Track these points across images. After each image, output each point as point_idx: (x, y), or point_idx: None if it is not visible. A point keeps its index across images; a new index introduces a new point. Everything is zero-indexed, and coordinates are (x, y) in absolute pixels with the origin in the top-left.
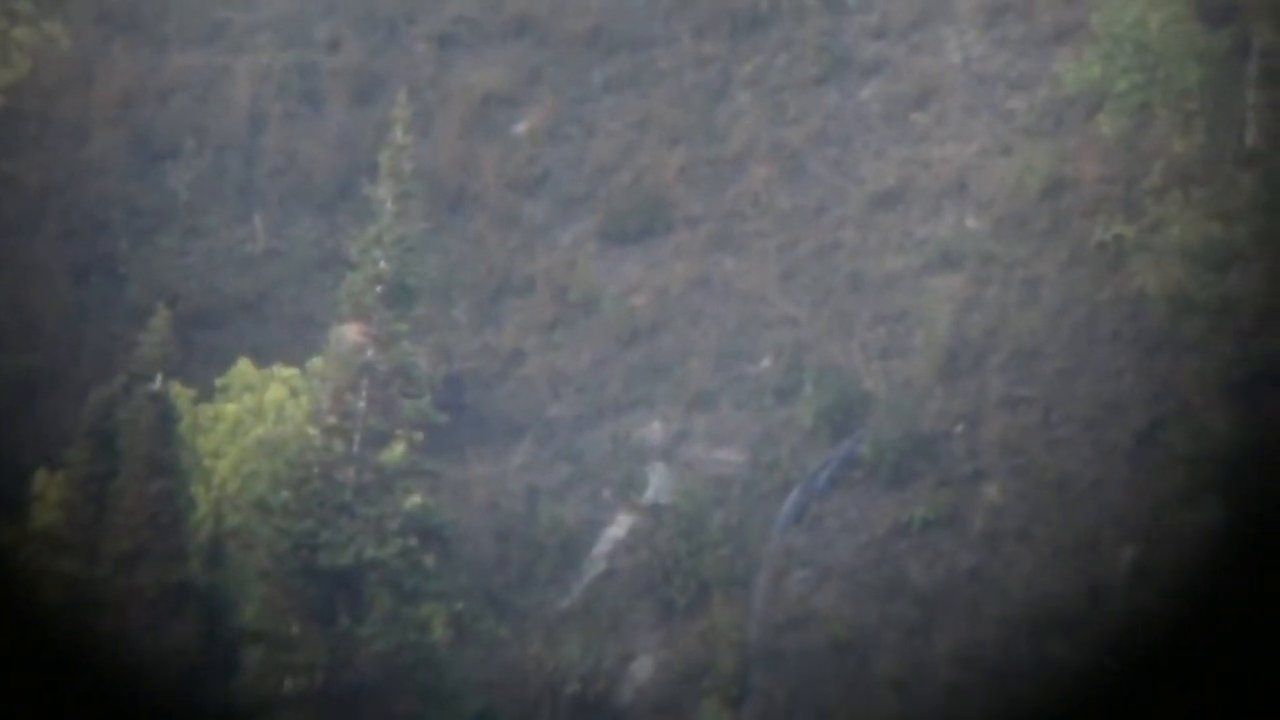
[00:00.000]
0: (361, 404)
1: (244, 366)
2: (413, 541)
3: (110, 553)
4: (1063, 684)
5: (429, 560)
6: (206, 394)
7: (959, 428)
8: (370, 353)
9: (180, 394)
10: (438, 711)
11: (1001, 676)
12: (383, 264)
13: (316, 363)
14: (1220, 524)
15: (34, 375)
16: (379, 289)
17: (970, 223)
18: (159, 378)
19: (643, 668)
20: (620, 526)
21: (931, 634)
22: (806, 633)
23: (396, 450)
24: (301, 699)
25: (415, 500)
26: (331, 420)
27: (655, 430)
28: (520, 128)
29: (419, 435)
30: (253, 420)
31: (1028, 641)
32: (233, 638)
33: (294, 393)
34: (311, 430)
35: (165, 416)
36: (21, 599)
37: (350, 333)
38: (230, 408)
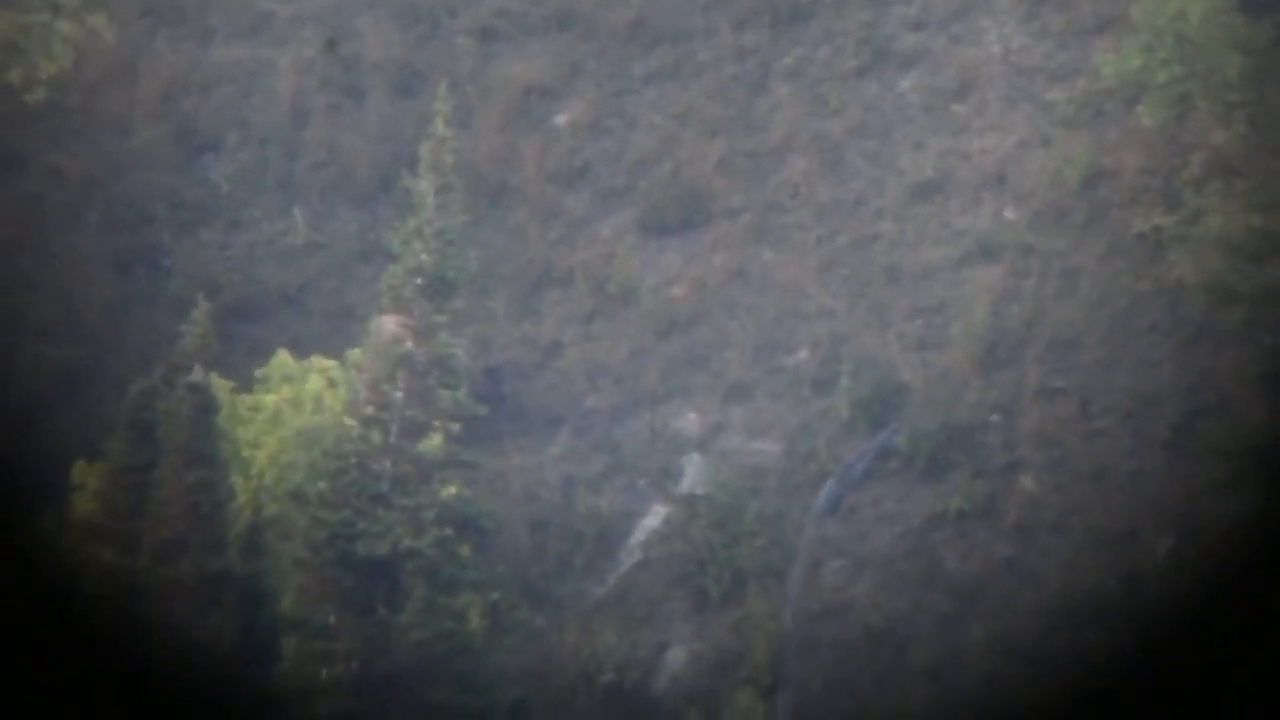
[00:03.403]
0: (399, 395)
1: (283, 358)
2: (449, 531)
3: (149, 542)
4: (1099, 674)
5: (465, 550)
6: (246, 385)
7: (995, 419)
8: (409, 344)
9: (220, 385)
10: (473, 700)
11: (1037, 666)
12: (423, 256)
13: (355, 354)
14: (1257, 515)
15: (76, 366)
16: (419, 281)
17: (1009, 214)
18: (199, 369)
19: (677, 657)
20: (656, 517)
21: (967, 624)
22: (842, 623)
23: (434, 441)
24: (338, 687)
25: (452, 490)
26: (369, 411)
27: (692, 421)
28: (561, 120)
29: (456, 426)
30: (291, 411)
31: (1064, 632)
32: (270, 626)
33: (332, 384)
34: (349, 421)
35: (205, 407)
36: (62, 588)
37: (389, 324)
38: (269, 398)
